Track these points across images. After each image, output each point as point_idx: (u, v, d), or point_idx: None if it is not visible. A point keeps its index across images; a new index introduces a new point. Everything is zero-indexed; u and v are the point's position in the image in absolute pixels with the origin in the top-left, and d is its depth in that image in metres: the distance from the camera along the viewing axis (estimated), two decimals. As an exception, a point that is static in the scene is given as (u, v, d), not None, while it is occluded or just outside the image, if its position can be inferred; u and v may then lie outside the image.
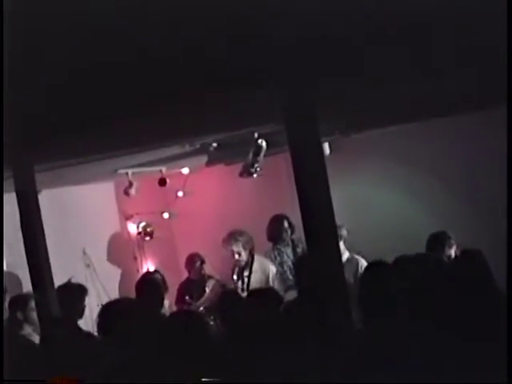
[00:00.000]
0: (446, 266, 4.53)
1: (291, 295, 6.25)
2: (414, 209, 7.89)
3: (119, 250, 9.06)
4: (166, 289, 6.66)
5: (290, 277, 7.53)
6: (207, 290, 7.91)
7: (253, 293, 5.25)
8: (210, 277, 8.13)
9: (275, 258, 7.79)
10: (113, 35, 2.99)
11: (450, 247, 6.48)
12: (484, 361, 3.42)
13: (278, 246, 7.83)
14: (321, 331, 4.06)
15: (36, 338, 5.64)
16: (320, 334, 4.05)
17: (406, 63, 4.21)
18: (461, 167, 7.52)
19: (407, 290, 3.94)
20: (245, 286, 7.54)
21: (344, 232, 7.05)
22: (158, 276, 6.68)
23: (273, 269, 7.61)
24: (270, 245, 7.94)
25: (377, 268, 4.31)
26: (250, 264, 7.64)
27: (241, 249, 7.66)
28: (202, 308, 7.57)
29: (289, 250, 7.79)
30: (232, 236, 7.70)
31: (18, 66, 3.12)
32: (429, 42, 3.68)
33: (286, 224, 7.73)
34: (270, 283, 7.44)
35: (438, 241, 6.47)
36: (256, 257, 7.71)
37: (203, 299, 7.83)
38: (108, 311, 4.61)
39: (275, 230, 7.81)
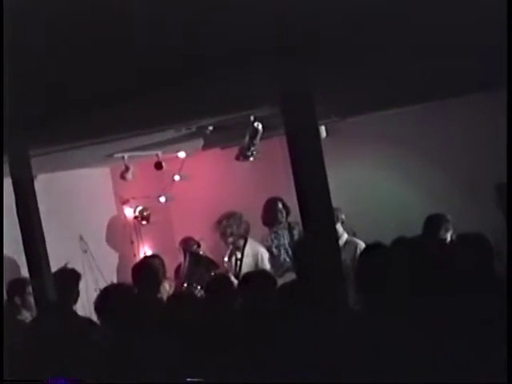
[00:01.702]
0: (446, 249, 4.52)
1: (288, 277, 6.26)
2: (411, 192, 7.89)
3: (116, 235, 9.06)
4: (164, 273, 6.65)
5: (288, 259, 7.54)
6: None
7: (246, 276, 5.24)
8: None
9: (272, 241, 7.78)
10: (107, 19, 2.97)
11: (447, 230, 6.48)
12: (483, 357, 3.40)
13: (275, 229, 7.82)
14: (318, 313, 4.06)
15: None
16: (318, 315, 4.05)
17: (403, 46, 4.19)
18: (459, 151, 7.50)
19: (405, 272, 3.94)
20: (237, 269, 7.54)
21: (342, 215, 7.04)
22: (155, 261, 6.67)
23: (265, 253, 7.61)
24: (266, 229, 7.93)
25: (375, 250, 4.31)
26: (242, 247, 7.64)
27: (228, 231, 7.68)
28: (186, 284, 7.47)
29: (286, 233, 7.78)
30: (222, 219, 7.72)
31: (12, 51, 3.09)
32: (426, 24, 3.65)
33: (280, 206, 7.71)
34: (262, 267, 7.44)
35: (434, 223, 6.47)
36: (249, 241, 7.70)
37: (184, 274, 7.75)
38: (105, 296, 4.63)
39: (270, 213, 7.78)
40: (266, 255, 7.62)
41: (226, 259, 7.68)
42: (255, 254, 7.60)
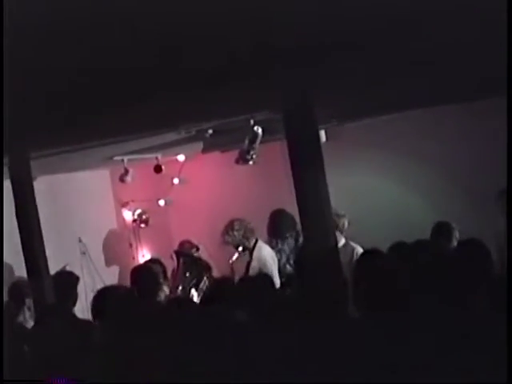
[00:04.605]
0: (445, 254, 4.51)
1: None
2: (410, 197, 7.89)
3: (115, 238, 9.06)
4: (165, 278, 6.63)
5: (287, 265, 7.55)
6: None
7: (244, 280, 5.22)
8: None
9: (276, 245, 7.79)
10: (108, 21, 2.97)
11: (456, 239, 6.38)
12: (483, 358, 3.40)
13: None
14: (317, 318, 4.06)
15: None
16: (316, 320, 4.05)
17: (404, 51, 4.19)
18: (459, 156, 7.50)
19: (402, 277, 3.94)
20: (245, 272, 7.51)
21: (345, 221, 7.01)
22: (155, 265, 6.66)
23: (268, 256, 7.56)
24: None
25: (372, 255, 4.31)
26: (251, 250, 7.59)
27: (238, 239, 7.64)
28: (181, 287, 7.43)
29: (291, 240, 7.77)
30: (225, 231, 7.68)
31: (14, 54, 3.10)
32: (427, 29, 3.66)
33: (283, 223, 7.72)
34: (268, 271, 7.39)
35: (445, 230, 6.37)
36: (259, 243, 7.66)
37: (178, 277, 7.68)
38: (101, 297, 4.63)
39: (272, 228, 7.80)
40: (268, 258, 7.55)
41: (231, 261, 7.63)
42: (259, 258, 7.55)
